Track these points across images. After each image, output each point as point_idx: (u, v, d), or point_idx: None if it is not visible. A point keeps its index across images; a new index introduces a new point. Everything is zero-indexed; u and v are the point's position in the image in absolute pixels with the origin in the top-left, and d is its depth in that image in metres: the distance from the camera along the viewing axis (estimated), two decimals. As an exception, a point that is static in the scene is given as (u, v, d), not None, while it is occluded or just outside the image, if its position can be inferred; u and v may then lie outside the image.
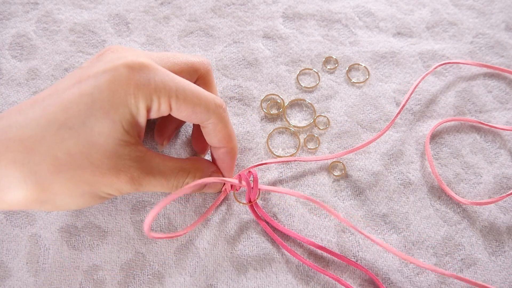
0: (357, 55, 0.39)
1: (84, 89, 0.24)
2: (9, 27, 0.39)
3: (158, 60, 0.27)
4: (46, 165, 0.23)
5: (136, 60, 0.25)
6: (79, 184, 0.24)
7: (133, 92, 0.24)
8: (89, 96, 0.24)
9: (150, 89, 0.24)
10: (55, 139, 0.24)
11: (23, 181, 0.23)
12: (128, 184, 0.25)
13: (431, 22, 0.40)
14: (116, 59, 0.25)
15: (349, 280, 0.30)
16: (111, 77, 0.24)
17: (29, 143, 0.23)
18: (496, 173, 0.34)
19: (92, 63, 0.26)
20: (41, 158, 0.23)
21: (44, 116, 0.24)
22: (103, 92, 0.24)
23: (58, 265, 0.30)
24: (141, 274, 0.30)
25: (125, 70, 0.24)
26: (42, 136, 0.23)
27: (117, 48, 0.27)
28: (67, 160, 0.24)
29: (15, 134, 0.24)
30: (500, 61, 0.39)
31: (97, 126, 0.24)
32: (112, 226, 0.31)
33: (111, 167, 0.24)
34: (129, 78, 0.24)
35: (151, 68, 0.25)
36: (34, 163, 0.23)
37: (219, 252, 0.30)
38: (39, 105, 0.25)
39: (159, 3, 0.40)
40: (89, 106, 0.24)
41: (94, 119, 0.24)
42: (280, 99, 0.36)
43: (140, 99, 0.24)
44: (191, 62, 0.29)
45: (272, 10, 0.40)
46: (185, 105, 0.26)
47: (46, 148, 0.23)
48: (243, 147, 0.34)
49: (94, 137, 0.24)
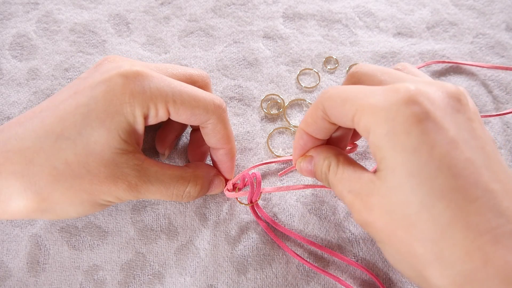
0: (357, 55, 0.38)
1: (80, 100, 0.25)
2: (10, 27, 0.39)
3: (156, 70, 0.27)
4: (45, 176, 0.24)
5: (130, 69, 0.25)
6: (78, 192, 0.25)
7: (128, 101, 0.24)
8: (85, 107, 0.24)
9: (145, 97, 0.25)
10: (53, 149, 0.24)
11: (24, 191, 0.24)
12: (127, 191, 0.25)
13: (432, 22, 0.40)
14: (112, 69, 0.25)
15: (349, 280, 0.30)
16: (107, 87, 0.25)
17: (28, 154, 0.24)
18: (497, 173, 0.34)
19: (89, 73, 0.27)
20: (40, 168, 0.24)
21: (42, 127, 0.24)
22: (98, 102, 0.24)
23: (58, 265, 0.30)
24: (141, 274, 0.30)
25: (120, 80, 0.25)
26: (40, 147, 0.24)
27: (115, 58, 0.27)
28: (65, 169, 0.24)
29: (14, 145, 0.24)
30: (501, 61, 0.38)
31: (93, 136, 0.24)
32: (112, 226, 0.31)
33: (108, 175, 0.25)
34: (124, 87, 0.24)
35: (145, 76, 0.25)
36: (34, 173, 0.24)
37: (219, 253, 0.30)
38: (37, 117, 0.25)
39: (159, 3, 0.40)
40: (85, 116, 0.24)
41: (91, 129, 0.24)
42: (280, 99, 0.36)
43: (136, 107, 0.25)
44: (189, 74, 0.29)
45: (273, 10, 0.40)
46: (183, 109, 0.26)
47: (45, 159, 0.24)
48: (243, 147, 0.34)
49: (91, 146, 0.24)
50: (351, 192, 0.22)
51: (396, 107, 0.20)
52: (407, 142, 0.19)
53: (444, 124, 0.19)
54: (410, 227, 0.19)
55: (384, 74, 0.23)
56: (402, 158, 0.19)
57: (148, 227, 0.31)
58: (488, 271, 0.18)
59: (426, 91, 0.20)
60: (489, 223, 0.18)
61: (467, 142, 0.20)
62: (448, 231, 0.18)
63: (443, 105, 0.20)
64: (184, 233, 0.31)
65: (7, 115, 0.35)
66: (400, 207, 0.20)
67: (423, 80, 0.22)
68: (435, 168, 0.19)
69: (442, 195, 0.18)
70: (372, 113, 0.20)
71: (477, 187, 0.19)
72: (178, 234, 0.31)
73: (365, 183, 0.22)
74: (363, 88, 0.22)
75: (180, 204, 0.32)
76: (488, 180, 0.19)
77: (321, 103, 0.23)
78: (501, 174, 0.20)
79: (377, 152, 0.20)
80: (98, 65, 0.27)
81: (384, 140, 0.20)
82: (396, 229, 0.20)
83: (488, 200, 0.18)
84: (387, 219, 0.20)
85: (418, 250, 0.19)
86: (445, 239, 0.19)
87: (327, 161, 0.25)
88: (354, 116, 0.21)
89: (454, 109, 0.21)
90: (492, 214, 0.18)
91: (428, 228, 0.19)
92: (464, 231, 0.18)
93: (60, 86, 0.36)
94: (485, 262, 0.18)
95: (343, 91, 0.22)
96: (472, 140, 0.20)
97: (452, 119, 0.20)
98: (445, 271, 0.19)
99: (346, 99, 0.22)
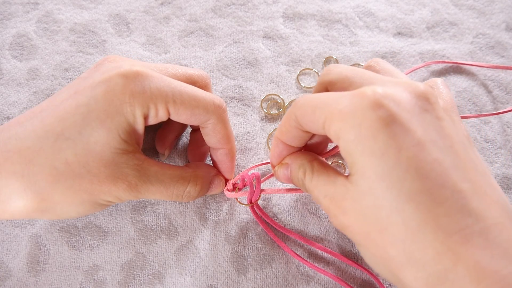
0: (357, 55, 0.38)
1: (80, 100, 0.25)
2: (10, 27, 0.39)
3: (156, 71, 0.27)
4: (45, 176, 0.24)
5: (130, 69, 0.25)
6: (78, 192, 0.25)
7: (128, 101, 0.24)
8: (85, 107, 0.24)
9: (145, 97, 0.25)
10: (53, 149, 0.24)
11: (24, 191, 0.24)
12: (126, 191, 0.25)
13: (432, 22, 0.40)
14: (112, 69, 0.25)
15: (349, 280, 0.30)
16: (107, 87, 0.24)
17: (28, 154, 0.24)
18: (497, 173, 0.34)
19: (89, 73, 0.27)
20: (40, 168, 0.24)
21: (42, 127, 0.24)
22: (98, 102, 0.24)
23: (58, 265, 0.30)
24: (141, 274, 0.30)
25: (120, 80, 0.24)
26: (40, 147, 0.24)
27: (115, 58, 0.27)
28: (65, 169, 0.24)
29: (14, 145, 0.24)
30: (501, 61, 0.38)
31: (93, 136, 0.24)
32: (112, 226, 0.31)
33: (108, 175, 0.25)
34: (124, 87, 0.24)
35: (145, 76, 0.25)
36: (34, 173, 0.24)
37: (219, 253, 0.30)
38: (37, 117, 0.25)
39: (159, 3, 0.40)
40: (85, 116, 0.24)
41: (90, 128, 0.24)
42: (280, 99, 0.36)
43: (136, 107, 0.24)
44: (189, 74, 0.29)
45: (273, 10, 0.40)
46: (183, 109, 0.26)
47: (45, 159, 0.24)
48: (243, 147, 0.34)
49: (90, 146, 0.24)
50: (327, 196, 0.23)
51: (362, 112, 0.20)
52: (375, 146, 0.19)
53: (411, 126, 0.19)
54: (383, 230, 0.20)
55: (353, 77, 0.23)
56: (371, 162, 0.19)
57: (148, 227, 0.31)
58: (459, 271, 0.18)
59: (392, 93, 0.20)
60: (458, 224, 0.18)
61: (435, 142, 0.20)
62: (418, 234, 0.19)
63: (410, 106, 0.20)
64: (184, 233, 0.31)
65: (7, 115, 0.35)
66: (372, 210, 0.20)
67: (392, 80, 0.22)
68: (403, 171, 0.19)
69: (411, 198, 0.19)
70: (340, 120, 0.20)
71: (445, 188, 0.19)
72: (178, 234, 0.31)
73: (339, 188, 0.22)
74: (332, 95, 0.22)
75: (180, 204, 0.32)
76: (456, 180, 0.19)
77: (293, 113, 0.23)
78: (470, 172, 0.20)
79: (348, 157, 0.21)
80: (98, 65, 0.27)
81: (353, 145, 0.20)
82: (370, 233, 0.20)
83: (456, 201, 0.19)
84: (362, 222, 0.21)
85: (391, 253, 0.20)
86: (416, 242, 0.19)
87: (302, 168, 0.25)
88: (324, 123, 0.21)
89: (422, 108, 0.20)
90: (461, 215, 0.18)
91: (399, 231, 0.19)
92: (434, 232, 0.18)
93: (60, 86, 0.36)
94: (455, 262, 0.18)
95: (313, 100, 0.22)
96: (440, 140, 0.20)
97: (420, 119, 0.20)
98: (417, 273, 0.19)
99: (315, 107, 0.22)
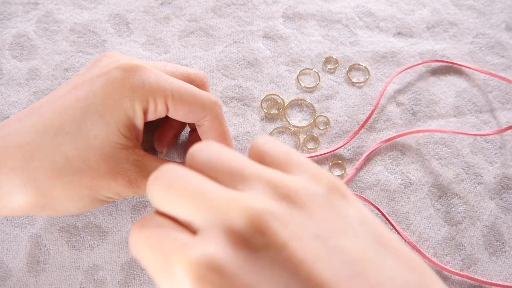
0: (357, 55, 0.39)
1: (79, 94, 0.24)
2: (10, 27, 0.39)
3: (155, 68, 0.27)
4: (45, 171, 0.24)
5: (129, 62, 0.25)
6: (78, 188, 0.24)
7: (128, 95, 0.24)
8: (84, 101, 0.24)
9: (145, 91, 0.24)
10: (53, 144, 0.24)
11: (23, 187, 0.24)
12: (126, 187, 0.25)
13: (432, 22, 0.40)
14: (110, 63, 0.25)
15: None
16: (105, 80, 0.24)
17: (28, 150, 0.24)
18: (497, 173, 0.34)
19: (87, 69, 0.26)
20: (40, 164, 0.24)
21: (41, 122, 0.24)
22: (97, 96, 0.24)
23: (58, 265, 0.30)
24: (141, 274, 0.30)
25: (119, 73, 0.24)
26: (40, 142, 0.24)
27: (113, 53, 0.27)
28: (65, 164, 0.24)
29: (14, 141, 0.24)
30: (501, 61, 0.39)
31: (93, 130, 0.24)
32: (112, 226, 0.31)
33: (108, 171, 0.25)
34: (124, 81, 0.24)
35: (144, 69, 0.25)
36: (33, 169, 0.24)
37: (219, 252, 0.30)
38: (36, 112, 0.25)
39: (159, 3, 0.40)
40: (84, 111, 0.24)
41: (90, 123, 0.24)
42: (280, 99, 0.36)
43: (136, 101, 0.24)
44: (187, 73, 0.29)
45: (272, 10, 0.40)
46: (181, 105, 0.26)
47: (44, 154, 0.24)
48: (243, 147, 0.34)
49: (90, 141, 0.24)
50: None
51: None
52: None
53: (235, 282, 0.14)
54: None
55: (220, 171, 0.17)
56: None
57: (148, 227, 0.31)
58: None
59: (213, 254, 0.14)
60: None
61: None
62: None
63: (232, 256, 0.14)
64: (184, 233, 0.31)
65: (7, 115, 0.35)
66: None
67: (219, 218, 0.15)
68: None
69: None
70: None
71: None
72: (178, 234, 0.31)
73: None
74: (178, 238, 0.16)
75: (180, 204, 0.32)
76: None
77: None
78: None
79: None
80: (96, 61, 0.27)
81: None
82: None
83: None
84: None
85: None
86: None
87: None
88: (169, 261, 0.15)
89: (253, 248, 0.15)
90: None
91: None
92: None
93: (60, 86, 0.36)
94: None
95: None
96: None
97: (245, 265, 0.14)
98: None
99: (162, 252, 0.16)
